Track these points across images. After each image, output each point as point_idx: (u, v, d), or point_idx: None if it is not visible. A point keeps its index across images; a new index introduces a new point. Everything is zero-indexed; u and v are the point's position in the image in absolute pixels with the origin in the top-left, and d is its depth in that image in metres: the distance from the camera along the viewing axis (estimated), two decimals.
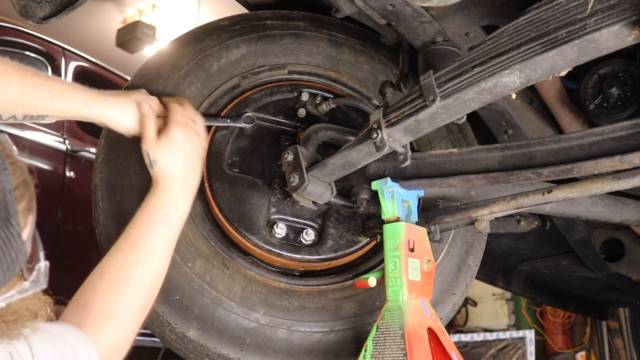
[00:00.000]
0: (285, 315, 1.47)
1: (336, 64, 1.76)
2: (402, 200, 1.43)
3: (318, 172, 1.44)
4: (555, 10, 0.98)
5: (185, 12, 7.11)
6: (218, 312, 1.42)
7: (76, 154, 3.52)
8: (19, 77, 1.16)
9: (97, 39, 7.34)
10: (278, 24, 1.74)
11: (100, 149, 1.55)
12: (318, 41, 1.76)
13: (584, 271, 2.46)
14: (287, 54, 1.71)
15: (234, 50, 1.65)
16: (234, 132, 1.59)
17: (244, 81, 1.64)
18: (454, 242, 1.66)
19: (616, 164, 1.07)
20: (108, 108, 1.30)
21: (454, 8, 1.40)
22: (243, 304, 1.45)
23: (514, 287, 2.81)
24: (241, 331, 1.43)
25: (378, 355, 1.31)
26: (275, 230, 1.53)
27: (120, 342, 1.18)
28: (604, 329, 5.16)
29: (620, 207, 1.56)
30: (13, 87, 1.15)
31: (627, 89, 1.57)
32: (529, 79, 1.04)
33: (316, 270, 1.59)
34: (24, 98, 1.16)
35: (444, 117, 1.19)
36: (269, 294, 1.49)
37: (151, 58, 1.62)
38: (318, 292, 1.54)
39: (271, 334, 1.45)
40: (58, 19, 1.48)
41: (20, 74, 1.16)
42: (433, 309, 1.40)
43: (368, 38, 1.84)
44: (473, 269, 1.69)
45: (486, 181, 1.28)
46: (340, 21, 1.82)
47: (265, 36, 1.70)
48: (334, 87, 1.74)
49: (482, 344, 5.43)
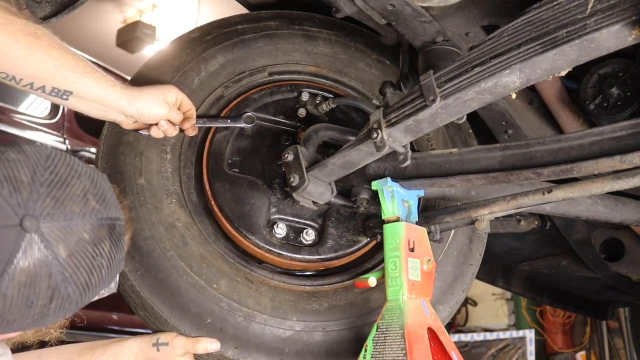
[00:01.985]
0: (317, 317, 1.49)
1: (314, 58, 1.76)
2: (402, 200, 1.43)
3: (318, 172, 1.44)
4: (555, 10, 0.98)
5: (185, 12, 7.11)
6: (252, 328, 1.43)
7: (76, 154, 3.52)
8: (60, 51, 1.25)
9: (97, 39, 7.33)
10: (250, 27, 1.73)
11: (100, 148, 1.55)
12: (292, 38, 1.76)
13: (584, 271, 2.46)
14: (264, 56, 1.70)
15: (212, 62, 1.64)
16: (234, 132, 1.59)
17: (227, 91, 1.63)
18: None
19: (616, 164, 1.07)
20: (132, 93, 1.37)
21: (454, 8, 1.40)
22: (275, 314, 1.46)
23: (514, 287, 2.81)
24: (278, 341, 1.44)
25: (378, 355, 1.31)
26: (276, 230, 1.53)
27: None
28: (604, 328, 5.16)
29: (620, 207, 1.56)
30: (52, 58, 1.24)
31: (627, 89, 1.57)
32: (529, 79, 1.04)
33: (335, 267, 1.60)
34: (59, 69, 1.25)
35: (444, 117, 1.19)
36: (298, 299, 1.50)
37: (131, 83, 1.57)
38: (343, 289, 1.55)
39: (308, 338, 1.46)
40: (58, 19, 1.48)
41: (62, 48, 1.26)
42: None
43: (341, 27, 1.83)
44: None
45: (486, 181, 1.28)
46: (310, 14, 1.82)
47: (240, 42, 1.69)
48: (315, 81, 1.73)
49: (482, 344, 5.43)
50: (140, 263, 1.42)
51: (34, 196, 0.92)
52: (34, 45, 1.21)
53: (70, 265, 0.94)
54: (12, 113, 3.24)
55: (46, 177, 0.95)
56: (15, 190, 0.91)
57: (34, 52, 1.21)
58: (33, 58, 1.21)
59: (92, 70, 1.31)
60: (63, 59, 1.25)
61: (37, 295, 0.92)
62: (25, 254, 0.90)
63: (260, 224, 1.52)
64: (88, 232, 0.96)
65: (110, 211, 1.01)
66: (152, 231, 1.44)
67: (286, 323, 1.46)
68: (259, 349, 1.43)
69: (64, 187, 0.96)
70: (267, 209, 1.54)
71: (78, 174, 0.99)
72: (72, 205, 0.95)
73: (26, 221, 0.90)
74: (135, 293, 1.44)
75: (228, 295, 1.44)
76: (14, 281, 0.90)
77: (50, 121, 3.46)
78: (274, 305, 1.47)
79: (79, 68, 1.28)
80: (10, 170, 0.92)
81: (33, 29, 1.22)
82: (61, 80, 1.26)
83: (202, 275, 1.43)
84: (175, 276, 1.42)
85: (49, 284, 0.93)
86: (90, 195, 0.99)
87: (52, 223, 0.93)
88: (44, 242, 0.92)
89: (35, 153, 0.97)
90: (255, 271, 1.50)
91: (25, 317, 0.94)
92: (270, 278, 1.51)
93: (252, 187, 1.55)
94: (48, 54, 1.23)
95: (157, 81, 1.56)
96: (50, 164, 0.97)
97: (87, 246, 0.96)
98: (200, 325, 1.41)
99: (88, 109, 1.36)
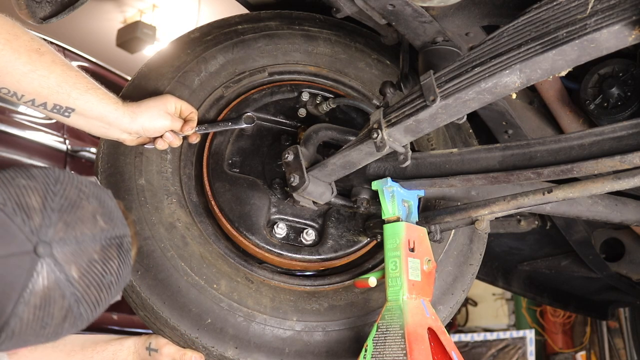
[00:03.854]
0: (318, 317, 1.49)
1: (314, 58, 1.76)
2: (402, 200, 1.43)
3: (318, 172, 1.44)
4: (556, 10, 0.98)
5: (185, 12, 7.12)
6: (252, 328, 1.43)
7: (76, 154, 3.52)
8: (63, 68, 1.25)
9: (98, 39, 7.34)
10: (250, 27, 1.73)
11: (100, 149, 1.55)
12: (293, 38, 1.75)
13: (584, 271, 2.46)
14: (264, 56, 1.70)
15: (212, 62, 1.63)
16: (235, 133, 1.59)
17: (227, 91, 1.62)
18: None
19: (616, 164, 1.07)
20: (132, 109, 1.38)
21: (454, 8, 1.40)
22: (275, 314, 1.46)
23: (514, 287, 2.81)
24: (278, 342, 1.44)
25: (378, 355, 1.31)
26: (276, 230, 1.53)
27: None
28: (604, 329, 5.16)
29: (620, 207, 1.56)
30: (55, 75, 1.24)
31: (627, 89, 1.57)
32: (529, 79, 1.04)
33: (336, 267, 1.60)
34: (61, 86, 1.25)
35: (444, 117, 1.19)
36: (298, 299, 1.50)
37: (131, 84, 1.59)
38: (344, 289, 1.55)
39: (308, 338, 1.46)
40: (58, 19, 1.48)
41: (64, 65, 1.26)
42: None
43: (341, 27, 1.83)
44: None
45: (486, 181, 1.28)
46: (310, 14, 1.82)
47: (240, 42, 1.68)
48: (316, 81, 1.73)
49: (482, 344, 5.43)
50: (141, 263, 1.42)
51: (46, 222, 0.95)
52: (37, 61, 1.21)
53: (82, 286, 0.97)
54: (12, 113, 3.24)
55: (57, 202, 0.98)
56: (28, 217, 0.94)
57: (37, 69, 1.21)
58: (35, 75, 1.21)
59: (95, 88, 1.31)
60: (66, 75, 1.25)
61: (51, 317, 0.96)
62: (39, 278, 0.93)
63: (261, 224, 1.52)
64: (98, 253, 1.00)
65: (118, 229, 1.05)
66: (152, 231, 1.44)
67: (286, 323, 1.46)
68: (259, 349, 1.43)
69: (74, 211, 0.99)
70: (267, 209, 1.54)
71: (86, 196, 1.02)
72: (83, 228, 0.99)
73: (40, 248, 0.93)
74: (135, 293, 1.44)
75: (228, 295, 1.44)
76: (29, 305, 0.93)
77: (51, 121, 3.45)
78: (274, 305, 1.47)
79: (81, 85, 1.28)
80: (21, 197, 0.95)
81: (37, 45, 1.22)
82: (63, 97, 1.26)
83: (202, 276, 1.43)
84: (175, 276, 1.42)
85: (62, 305, 0.96)
86: (99, 215, 1.02)
87: (64, 247, 0.96)
88: (57, 266, 0.95)
89: (44, 177, 0.99)
90: (256, 271, 1.50)
91: (40, 336, 0.97)
92: (270, 278, 1.51)
93: (253, 187, 1.55)
94: (51, 71, 1.23)
95: (158, 81, 1.56)
96: (60, 188, 0.99)
97: (97, 265, 1.00)
98: (200, 325, 1.41)
99: (90, 127, 1.36)
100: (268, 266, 1.55)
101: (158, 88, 1.54)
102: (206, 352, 1.43)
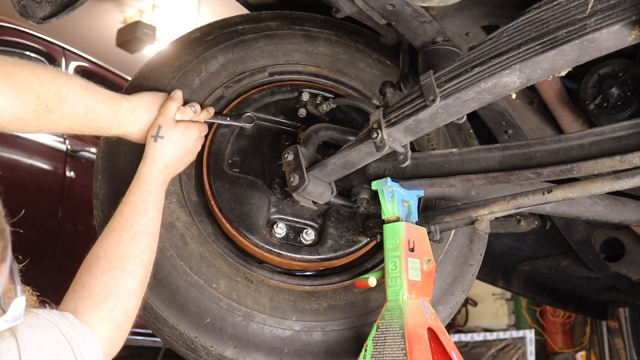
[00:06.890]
0: (317, 317, 1.49)
1: (315, 58, 1.76)
2: (402, 200, 1.43)
3: (318, 172, 1.44)
4: (555, 10, 0.98)
5: (185, 13, 7.12)
6: (251, 327, 1.43)
7: (76, 154, 3.52)
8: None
9: (97, 39, 7.34)
10: (250, 28, 1.73)
11: (101, 148, 1.55)
12: (293, 38, 1.76)
13: (584, 271, 2.46)
14: (265, 57, 1.70)
15: (212, 62, 1.63)
16: (235, 132, 1.59)
17: (227, 91, 1.62)
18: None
19: (616, 164, 1.07)
20: (133, 100, 1.39)
21: (454, 8, 1.40)
22: (274, 314, 1.46)
23: (514, 287, 2.81)
24: (277, 341, 1.44)
25: (378, 355, 1.31)
26: (275, 230, 1.53)
27: (119, 321, 1.18)
28: (604, 329, 5.16)
29: (620, 207, 1.56)
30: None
31: (627, 89, 1.57)
32: (529, 79, 1.04)
33: (335, 267, 1.60)
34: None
35: (444, 117, 1.19)
36: (297, 299, 1.50)
37: (132, 84, 1.59)
38: (343, 289, 1.55)
39: (307, 338, 1.46)
40: (58, 19, 1.48)
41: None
42: None
43: (341, 27, 1.83)
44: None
45: (486, 181, 1.28)
46: (310, 15, 1.82)
47: (241, 42, 1.68)
48: (316, 81, 1.73)
49: (482, 344, 5.43)
50: None
51: None
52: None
53: None
54: None
55: None
56: None
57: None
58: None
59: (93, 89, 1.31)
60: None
61: None
62: None
63: (260, 223, 1.52)
64: None
65: None
66: None
67: (285, 323, 1.46)
68: (258, 348, 1.43)
69: None
70: (267, 209, 1.54)
71: None
72: None
73: None
74: None
75: (227, 294, 1.44)
76: None
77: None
78: (273, 305, 1.47)
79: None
80: None
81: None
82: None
83: (201, 275, 1.43)
84: (174, 276, 1.42)
85: None
86: None
87: None
88: None
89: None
90: (255, 271, 1.50)
91: None
92: (269, 278, 1.51)
93: (252, 187, 1.55)
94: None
95: (158, 81, 1.56)
96: None
97: None
98: (199, 324, 1.41)
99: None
100: (267, 266, 1.55)
101: (158, 88, 1.54)
102: (205, 352, 1.43)
